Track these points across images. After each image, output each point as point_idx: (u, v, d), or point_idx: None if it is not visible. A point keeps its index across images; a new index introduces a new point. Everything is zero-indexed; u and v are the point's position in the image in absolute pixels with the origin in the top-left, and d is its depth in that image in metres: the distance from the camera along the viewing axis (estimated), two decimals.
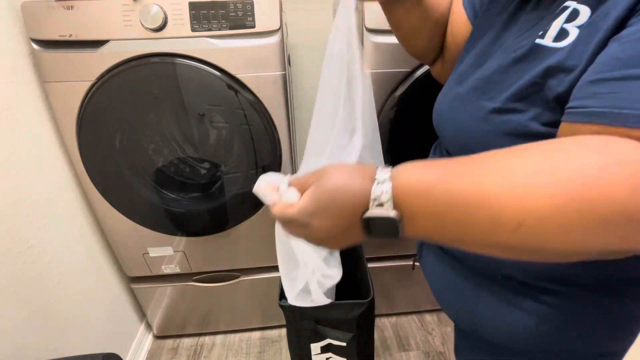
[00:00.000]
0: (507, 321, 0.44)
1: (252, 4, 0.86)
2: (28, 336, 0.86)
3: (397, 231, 0.31)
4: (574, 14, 0.36)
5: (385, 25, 0.88)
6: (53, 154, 0.98)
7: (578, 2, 0.37)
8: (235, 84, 0.92)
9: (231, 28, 0.87)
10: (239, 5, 0.86)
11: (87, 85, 0.90)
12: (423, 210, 0.30)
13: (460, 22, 0.59)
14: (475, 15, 0.56)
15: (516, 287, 0.43)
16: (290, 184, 0.36)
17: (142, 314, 1.41)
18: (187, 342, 1.44)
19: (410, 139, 0.99)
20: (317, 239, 0.35)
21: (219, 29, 0.87)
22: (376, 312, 0.95)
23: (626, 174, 0.26)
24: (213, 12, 0.86)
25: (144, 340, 1.41)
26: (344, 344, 0.90)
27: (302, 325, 0.88)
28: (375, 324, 1.11)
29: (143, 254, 1.20)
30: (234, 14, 0.86)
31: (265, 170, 1.05)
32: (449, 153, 0.53)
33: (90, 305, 1.11)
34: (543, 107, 0.36)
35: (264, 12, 0.87)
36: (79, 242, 1.08)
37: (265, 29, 0.88)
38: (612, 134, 0.28)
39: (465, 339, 0.59)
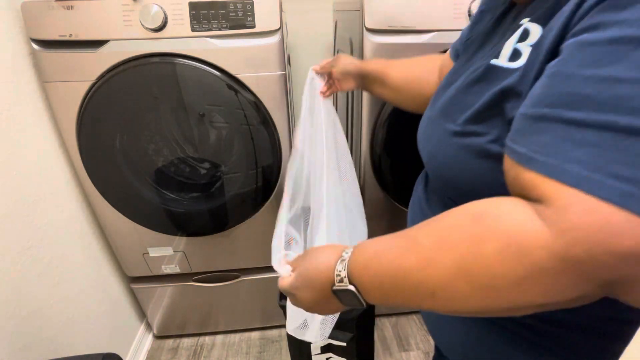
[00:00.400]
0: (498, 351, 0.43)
1: (252, 4, 0.86)
2: (28, 336, 0.86)
3: (360, 301, 0.36)
4: (526, 33, 0.35)
5: (385, 25, 0.88)
6: (53, 154, 0.98)
7: (531, 20, 0.36)
8: (235, 84, 0.92)
9: (231, 28, 0.87)
10: (239, 5, 0.86)
11: (87, 85, 0.90)
12: (369, 282, 0.35)
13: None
14: (457, 55, 0.58)
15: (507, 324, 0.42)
16: (288, 263, 0.46)
17: (142, 314, 1.41)
18: (187, 342, 1.44)
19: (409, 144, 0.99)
20: (304, 307, 0.43)
21: (219, 29, 0.87)
22: (376, 312, 0.95)
23: (495, 247, 0.27)
24: (213, 12, 0.86)
25: (144, 340, 1.41)
26: (344, 344, 0.90)
27: None
28: (375, 324, 1.11)
29: (143, 254, 1.20)
30: (234, 14, 0.86)
31: (265, 170, 1.05)
32: (427, 176, 0.54)
33: (90, 305, 1.11)
34: (503, 129, 0.35)
35: (264, 12, 0.87)
36: (79, 242, 1.08)
37: (265, 29, 0.88)
38: (525, 176, 0.28)
39: None
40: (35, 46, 0.86)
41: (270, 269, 1.29)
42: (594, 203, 0.24)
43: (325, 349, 0.92)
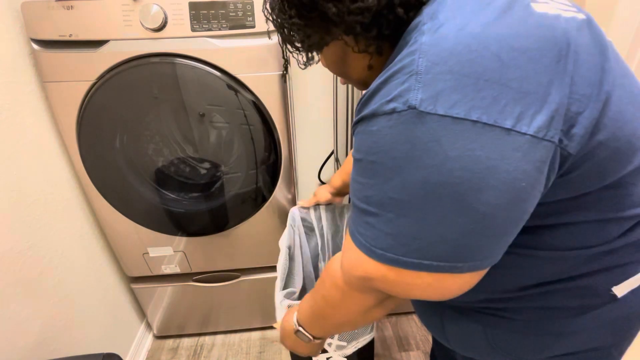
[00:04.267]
0: (465, 330, 0.55)
1: (252, 4, 0.86)
2: (28, 336, 0.86)
3: (311, 338, 0.58)
4: None
5: None
6: (53, 154, 0.98)
7: None
8: (235, 84, 0.92)
9: (231, 28, 0.87)
10: (239, 5, 0.86)
11: (87, 85, 0.90)
12: (304, 323, 0.58)
13: None
14: None
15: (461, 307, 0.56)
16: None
17: (142, 314, 1.41)
18: (187, 342, 1.44)
19: None
20: (293, 350, 0.63)
21: (219, 29, 0.87)
22: None
23: (327, 283, 0.50)
24: (213, 12, 0.86)
25: (144, 340, 1.41)
26: (345, 343, 0.89)
27: None
28: (375, 323, 1.11)
29: (143, 254, 1.19)
30: (234, 14, 0.86)
31: (265, 170, 1.05)
32: None
33: (90, 305, 1.11)
34: None
35: None
36: (79, 242, 1.08)
37: (265, 29, 0.88)
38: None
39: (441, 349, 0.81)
40: (35, 46, 0.86)
41: (270, 269, 1.30)
42: (353, 248, 0.42)
43: (325, 349, 0.92)
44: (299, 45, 0.47)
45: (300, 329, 0.58)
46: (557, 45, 0.33)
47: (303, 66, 0.53)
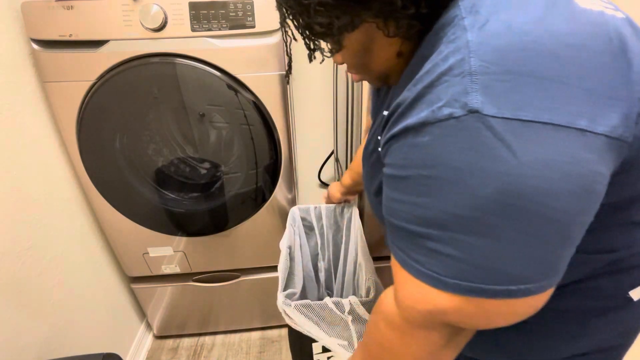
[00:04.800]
0: None
1: (252, 4, 0.86)
2: (28, 336, 0.86)
3: None
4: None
5: None
6: (53, 154, 0.98)
7: (386, 110, 0.44)
8: (235, 84, 0.92)
9: (231, 28, 0.87)
10: (239, 5, 0.86)
11: (87, 85, 0.90)
12: None
13: None
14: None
15: None
16: None
17: (142, 314, 1.41)
18: (187, 342, 1.44)
19: None
20: None
21: (219, 29, 0.87)
22: None
23: (382, 324, 0.43)
24: (213, 12, 0.86)
25: (144, 340, 1.41)
26: (346, 342, 0.89)
27: None
28: None
29: (143, 254, 1.20)
30: (234, 14, 0.86)
31: (265, 170, 1.05)
32: None
33: (90, 305, 1.11)
34: None
35: (264, 12, 0.87)
36: (79, 242, 1.08)
37: (265, 29, 0.88)
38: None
39: None
40: (35, 46, 0.86)
41: (270, 269, 1.30)
42: (410, 280, 0.36)
43: (327, 348, 0.92)
44: (322, 30, 0.41)
45: None
46: (612, 41, 0.31)
47: (327, 55, 0.47)
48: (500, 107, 0.29)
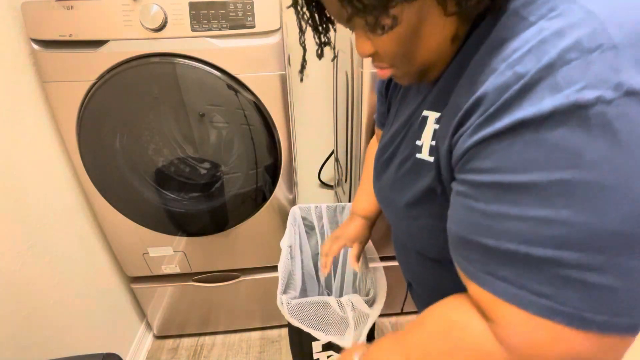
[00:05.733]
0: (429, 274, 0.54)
1: (252, 4, 0.86)
2: (28, 336, 0.86)
3: None
4: (427, 123, 0.41)
5: None
6: (53, 154, 0.98)
7: (429, 109, 0.41)
8: (235, 84, 0.92)
9: (231, 28, 0.87)
10: (239, 5, 0.86)
11: (87, 85, 0.90)
12: None
13: None
14: (383, 124, 0.66)
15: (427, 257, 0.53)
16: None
17: (142, 314, 1.41)
18: (187, 342, 1.44)
19: None
20: None
21: (219, 29, 0.87)
22: None
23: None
24: (213, 12, 0.86)
25: (144, 340, 1.41)
26: (346, 341, 0.89)
27: None
28: (376, 323, 1.11)
29: (143, 254, 1.20)
30: (234, 14, 0.86)
31: (265, 170, 1.05)
32: None
33: (90, 305, 1.11)
34: (432, 205, 0.43)
35: (264, 12, 0.87)
36: (79, 242, 1.08)
37: (265, 29, 0.88)
38: (471, 287, 0.34)
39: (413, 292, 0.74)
40: (35, 46, 0.86)
41: (270, 269, 1.30)
42: (528, 319, 0.28)
43: (327, 347, 0.92)
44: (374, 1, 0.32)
45: None
46: None
47: (382, 29, 0.35)
48: None
